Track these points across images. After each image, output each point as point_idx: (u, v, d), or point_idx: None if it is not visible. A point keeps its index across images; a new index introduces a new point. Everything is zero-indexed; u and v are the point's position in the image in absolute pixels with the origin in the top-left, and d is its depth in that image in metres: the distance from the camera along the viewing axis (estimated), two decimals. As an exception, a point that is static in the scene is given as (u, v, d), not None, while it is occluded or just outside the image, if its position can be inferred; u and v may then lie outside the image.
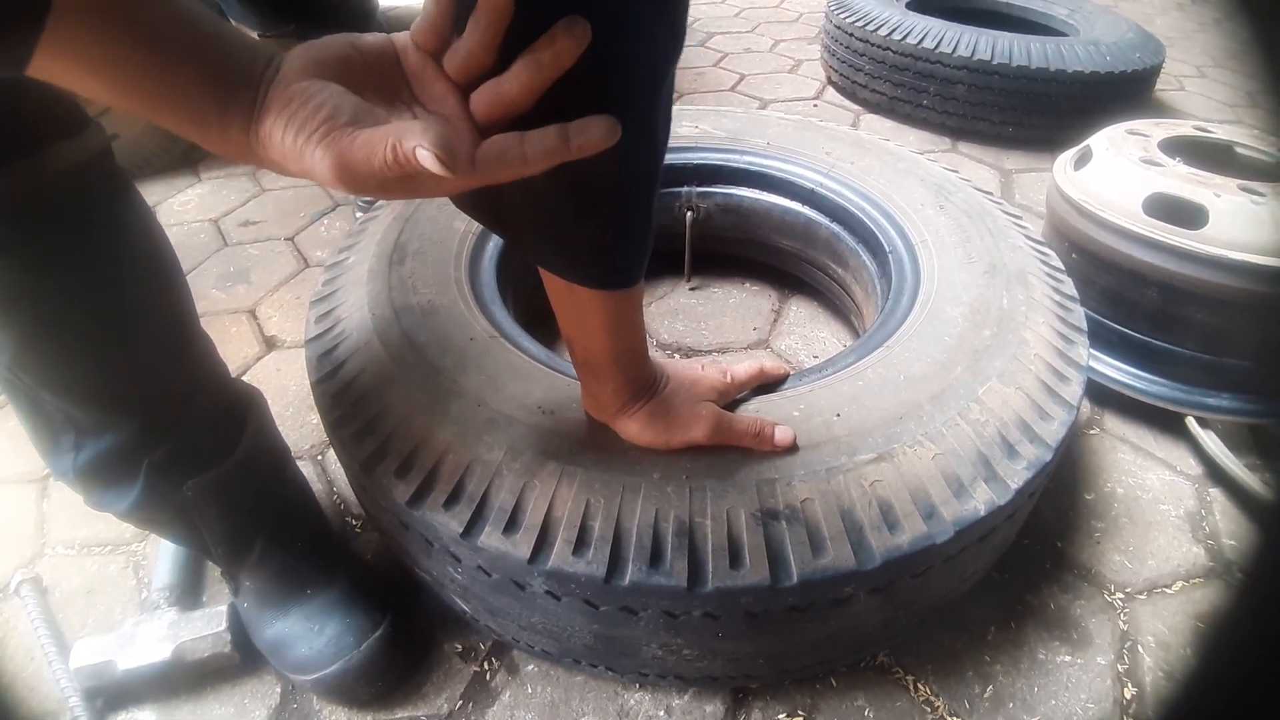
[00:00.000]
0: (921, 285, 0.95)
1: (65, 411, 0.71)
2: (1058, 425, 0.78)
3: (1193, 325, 1.10)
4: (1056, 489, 1.05)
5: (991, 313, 0.88)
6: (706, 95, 2.41)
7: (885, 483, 0.69)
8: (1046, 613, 0.90)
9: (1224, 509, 1.05)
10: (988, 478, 0.71)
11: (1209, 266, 1.04)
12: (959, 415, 0.75)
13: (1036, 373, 0.81)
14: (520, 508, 0.68)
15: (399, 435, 0.75)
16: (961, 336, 0.85)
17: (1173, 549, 0.99)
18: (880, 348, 0.85)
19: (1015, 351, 0.83)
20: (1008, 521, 0.77)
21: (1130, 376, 1.16)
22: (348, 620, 0.82)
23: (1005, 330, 0.85)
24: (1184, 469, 1.10)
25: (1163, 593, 0.93)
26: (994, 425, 0.75)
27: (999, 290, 0.92)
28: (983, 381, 0.79)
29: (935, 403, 0.76)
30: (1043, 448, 0.75)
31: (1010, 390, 0.79)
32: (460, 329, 0.86)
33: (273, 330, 1.39)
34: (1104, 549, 0.98)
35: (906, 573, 0.69)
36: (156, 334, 0.75)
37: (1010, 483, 0.72)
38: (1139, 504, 1.04)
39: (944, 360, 0.81)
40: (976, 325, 0.86)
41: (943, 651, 0.87)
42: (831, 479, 0.69)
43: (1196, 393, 1.13)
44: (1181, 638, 0.89)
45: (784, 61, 2.72)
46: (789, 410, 0.76)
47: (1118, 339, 1.17)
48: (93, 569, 0.98)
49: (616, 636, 0.72)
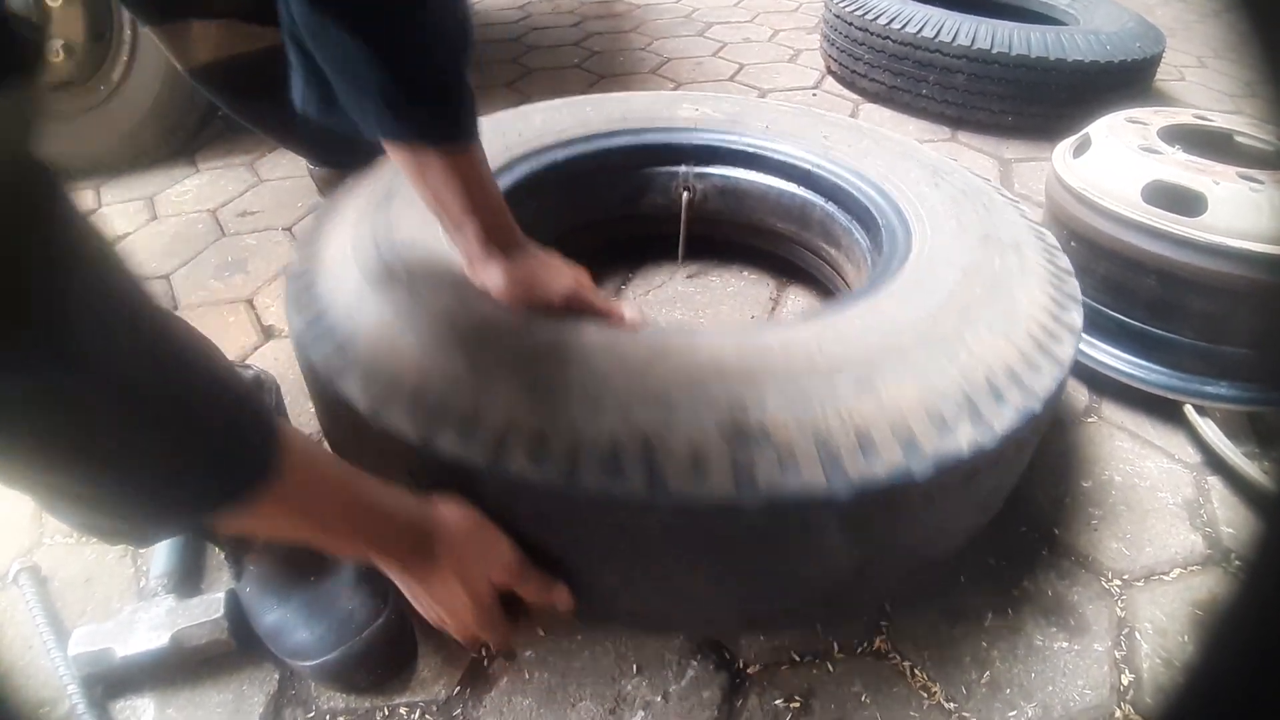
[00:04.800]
0: (913, 249, 0.94)
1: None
2: (1048, 379, 0.76)
3: (1191, 313, 1.10)
4: (1054, 476, 1.05)
5: (984, 274, 0.87)
6: (705, 84, 2.41)
7: (865, 413, 0.68)
8: (1044, 599, 0.90)
9: (1222, 497, 1.05)
10: (973, 419, 0.70)
11: (1207, 254, 1.04)
12: (946, 358, 0.74)
13: (1027, 329, 0.80)
14: (479, 415, 0.68)
15: (365, 349, 0.76)
16: (952, 292, 0.83)
17: (1170, 536, 0.99)
18: (867, 297, 0.84)
19: (1006, 307, 0.82)
20: (993, 472, 0.75)
21: (1129, 364, 1.16)
22: (349, 607, 0.83)
23: (998, 289, 0.84)
24: (1182, 457, 1.10)
25: (1160, 580, 0.93)
26: (981, 370, 0.74)
27: (992, 255, 0.90)
28: (972, 329, 0.78)
29: (922, 345, 0.75)
30: (1031, 398, 0.74)
31: (1000, 340, 0.77)
32: (439, 257, 0.88)
33: (271, 320, 1.39)
34: (1101, 536, 0.98)
35: (883, 507, 0.68)
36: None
37: (995, 426, 0.70)
38: (1136, 492, 1.04)
39: (933, 310, 0.80)
40: (968, 283, 0.85)
41: (940, 638, 0.87)
42: (808, 405, 0.68)
43: (1195, 381, 1.13)
44: (1179, 624, 0.89)
45: (783, 51, 2.71)
46: (768, 343, 0.75)
47: (1116, 327, 1.16)
48: (90, 557, 0.98)
49: (572, 563, 0.72)
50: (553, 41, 2.85)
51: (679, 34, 2.93)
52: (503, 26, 2.98)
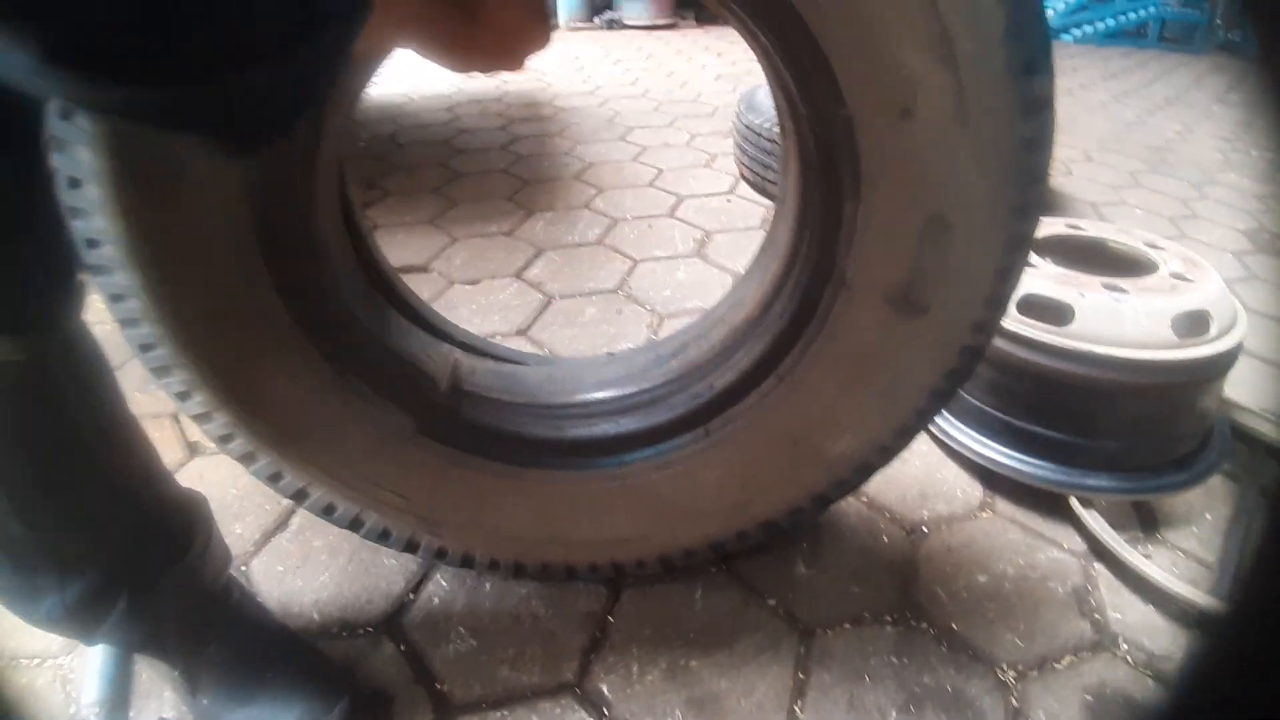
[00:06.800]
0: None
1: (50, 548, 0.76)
2: None
3: (1067, 412, 1.20)
4: (952, 571, 1.12)
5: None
6: (625, 191, 2.52)
7: None
8: (943, 695, 0.95)
9: (1108, 583, 1.12)
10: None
11: (1075, 360, 1.15)
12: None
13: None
14: None
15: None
16: None
17: (1061, 625, 1.05)
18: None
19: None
20: None
21: (1016, 460, 1.25)
22: (313, 697, 0.87)
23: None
24: (1070, 547, 1.18)
25: (1052, 668, 1.00)
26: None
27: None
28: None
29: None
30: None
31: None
32: None
33: (196, 435, 1.38)
34: (997, 628, 1.04)
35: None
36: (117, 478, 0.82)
37: None
38: (1029, 582, 1.11)
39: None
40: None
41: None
42: None
43: (1076, 474, 1.22)
44: (1072, 711, 0.95)
45: (700, 156, 2.86)
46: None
47: (1001, 425, 1.26)
48: (21, 682, 0.97)
49: None
50: (480, 144, 2.95)
51: (602, 138, 3.07)
52: (432, 129, 3.08)
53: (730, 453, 0.97)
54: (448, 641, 1.02)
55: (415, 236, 2.19)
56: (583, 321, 1.78)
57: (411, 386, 0.98)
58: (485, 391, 1.06)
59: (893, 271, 0.81)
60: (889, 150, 0.74)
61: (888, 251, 0.80)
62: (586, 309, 1.83)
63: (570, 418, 1.06)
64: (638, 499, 1.00)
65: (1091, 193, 2.64)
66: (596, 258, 2.09)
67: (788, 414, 0.93)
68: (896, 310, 0.83)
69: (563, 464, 1.00)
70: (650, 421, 1.02)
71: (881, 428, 0.93)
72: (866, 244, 0.80)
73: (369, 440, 0.92)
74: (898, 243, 0.79)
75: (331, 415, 0.89)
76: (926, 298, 0.82)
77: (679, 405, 1.02)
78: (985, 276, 0.80)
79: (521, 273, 2.01)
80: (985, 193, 0.75)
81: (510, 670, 0.98)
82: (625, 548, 1.06)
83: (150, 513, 0.85)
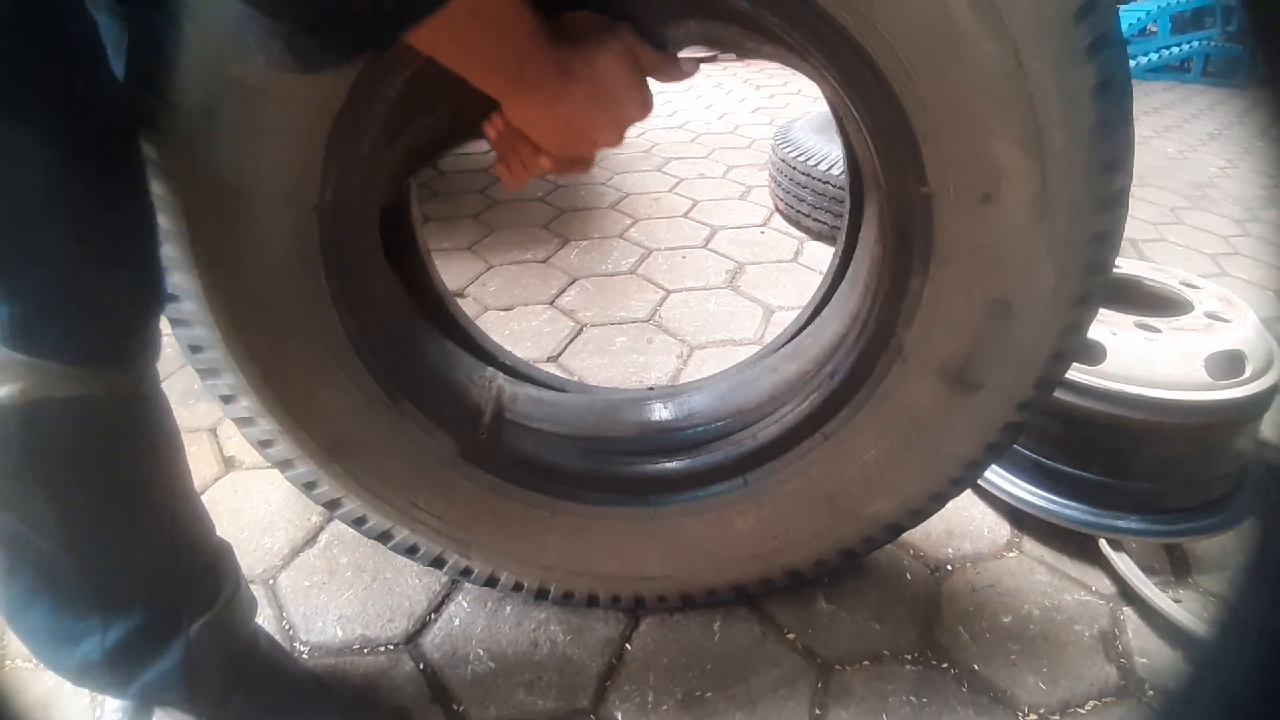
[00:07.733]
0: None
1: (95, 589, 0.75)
2: None
3: (1098, 451, 1.19)
4: (976, 611, 1.11)
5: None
6: (660, 221, 2.55)
7: None
8: (963, 737, 0.94)
9: (1136, 628, 1.10)
10: None
11: (1106, 400, 1.13)
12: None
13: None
14: None
15: None
16: None
17: (1086, 669, 1.04)
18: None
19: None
20: None
21: (1045, 500, 1.23)
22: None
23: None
24: (1099, 589, 1.16)
25: (1075, 713, 0.98)
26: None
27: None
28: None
29: None
30: None
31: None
32: None
33: (232, 450, 1.42)
34: (1020, 671, 1.03)
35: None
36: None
37: None
38: (1054, 624, 1.10)
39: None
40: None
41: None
42: None
43: (1106, 515, 1.20)
44: (1094, 758, 0.93)
45: (735, 188, 2.88)
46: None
47: (1031, 464, 1.25)
48: (50, 683, 0.98)
49: None
50: (519, 174, 3.00)
51: (639, 168, 3.11)
52: (473, 157, 3.14)
53: (766, 504, 0.98)
54: (466, 663, 1.03)
55: (453, 262, 2.23)
56: (613, 350, 1.80)
57: (456, 411, 1.00)
58: (526, 420, 1.08)
59: (951, 348, 0.82)
60: (965, 233, 0.75)
61: (948, 329, 0.81)
62: (617, 338, 1.85)
63: (610, 453, 1.08)
64: (669, 540, 1.02)
65: (1132, 229, 2.60)
66: (629, 287, 2.12)
67: (828, 472, 0.95)
68: (949, 386, 0.84)
69: (599, 499, 1.01)
70: (691, 466, 1.04)
71: (917, 493, 0.95)
72: (929, 320, 0.81)
73: (410, 460, 0.94)
74: (959, 322, 0.80)
75: (376, 432, 0.91)
76: (980, 377, 0.83)
77: (721, 453, 1.03)
78: (1039, 360, 0.81)
79: (555, 300, 2.04)
80: (1051, 281, 0.75)
81: (527, 694, 0.99)
82: (650, 584, 1.07)
83: (197, 560, 0.85)
